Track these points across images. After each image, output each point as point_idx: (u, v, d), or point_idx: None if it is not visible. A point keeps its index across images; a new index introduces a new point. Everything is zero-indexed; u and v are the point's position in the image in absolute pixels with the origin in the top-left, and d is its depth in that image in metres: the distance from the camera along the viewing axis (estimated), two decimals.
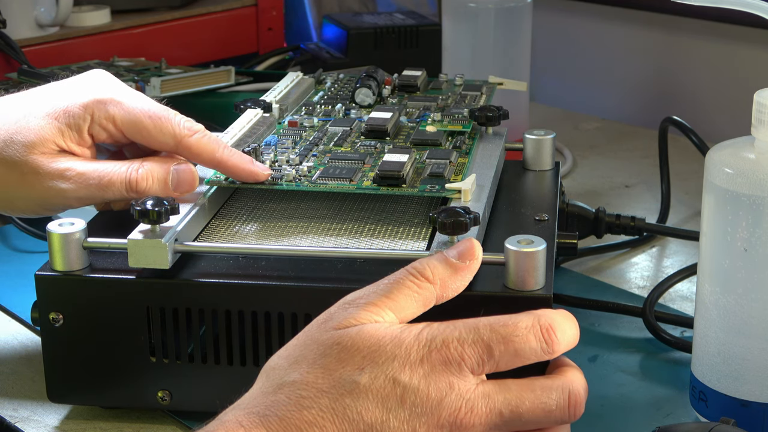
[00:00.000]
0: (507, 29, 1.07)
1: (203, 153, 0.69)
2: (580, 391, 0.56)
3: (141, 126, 0.68)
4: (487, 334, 0.54)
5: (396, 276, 0.57)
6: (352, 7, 1.48)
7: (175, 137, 0.68)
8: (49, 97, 0.69)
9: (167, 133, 0.68)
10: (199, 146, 0.69)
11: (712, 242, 0.63)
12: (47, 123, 0.68)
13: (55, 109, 0.68)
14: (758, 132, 0.61)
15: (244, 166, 0.69)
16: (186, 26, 1.25)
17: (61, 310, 0.64)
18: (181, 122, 0.69)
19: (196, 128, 0.69)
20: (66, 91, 0.69)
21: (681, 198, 1.03)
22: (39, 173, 0.67)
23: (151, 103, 0.69)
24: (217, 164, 0.69)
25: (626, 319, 0.79)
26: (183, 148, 0.69)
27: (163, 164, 0.69)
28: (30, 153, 0.67)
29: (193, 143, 0.69)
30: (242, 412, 0.52)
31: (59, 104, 0.68)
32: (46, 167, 0.67)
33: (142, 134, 0.69)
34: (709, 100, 1.24)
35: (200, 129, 0.69)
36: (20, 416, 0.69)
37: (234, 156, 0.69)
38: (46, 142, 0.67)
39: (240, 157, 0.69)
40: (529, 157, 0.80)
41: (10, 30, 1.09)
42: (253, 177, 0.69)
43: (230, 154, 0.69)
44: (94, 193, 0.68)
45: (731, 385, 0.63)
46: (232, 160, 0.69)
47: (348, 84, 0.89)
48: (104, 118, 0.68)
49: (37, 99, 0.69)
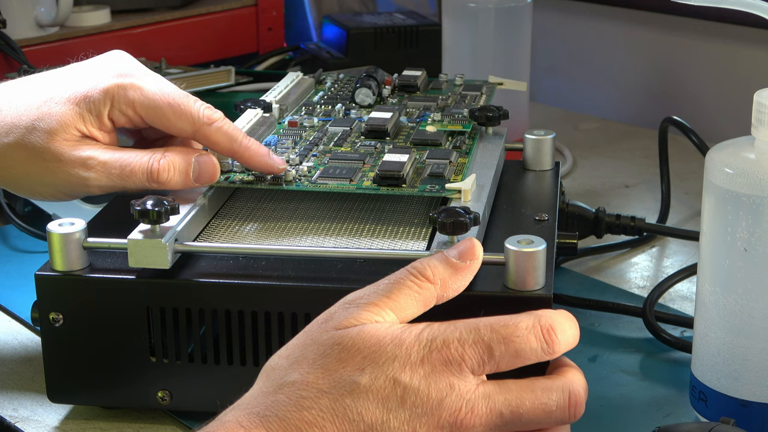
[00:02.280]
0: (507, 29, 1.07)
1: (221, 142, 0.68)
2: (580, 392, 0.56)
3: (160, 112, 0.68)
4: (487, 334, 0.54)
5: (396, 276, 0.57)
6: (352, 7, 1.48)
7: (194, 124, 0.68)
8: (70, 81, 0.69)
9: (186, 120, 0.68)
10: (219, 135, 0.68)
11: (712, 242, 0.63)
12: (68, 109, 0.67)
13: (75, 94, 0.68)
14: (758, 132, 0.61)
15: (261, 158, 0.69)
16: (186, 26, 1.25)
17: (61, 310, 0.64)
18: (201, 109, 0.68)
19: (216, 116, 0.69)
20: (86, 75, 0.69)
21: (681, 198, 1.03)
22: (61, 161, 0.67)
23: (171, 88, 0.69)
24: (233, 153, 0.69)
25: (626, 319, 0.79)
26: (201, 135, 0.68)
27: (184, 155, 0.68)
28: (52, 140, 0.67)
29: (212, 131, 0.68)
30: (242, 412, 0.52)
31: (80, 89, 0.68)
32: (69, 155, 0.67)
33: (161, 120, 0.68)
34: (709, 100, 1.24)
35: (220, 117, 0.69)
36: (20, 416, 0.69)
37: (252, 147, 0.69)
38: (67, 128, 0.67)
39: (258, 148, 0.69)
40: (529, 157, 0.80)
41: (10, 30, 1.09)
42: (269, 169, 0.69)
43: (248, 145, 0.69)
44: (115, 182, 0.68)
45: (731, 385, 0.63)
46: (249, 151, 0.69)
47: (348, 84, 0.89)
48: (124, 104, 0.68)
49: (58, 83, 0.69)
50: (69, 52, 1.14)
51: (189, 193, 0.70)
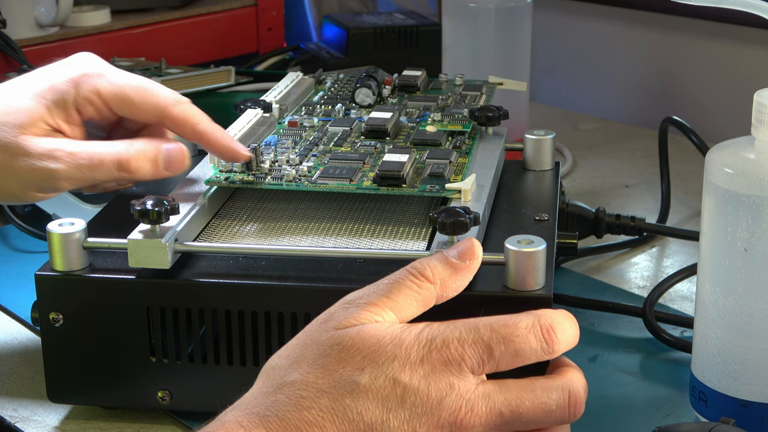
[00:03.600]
0: (507, 29, 1.07)
1: (187, 123, 0.69)
2: (580, 391, 0.56)
3: (126, 96, 0.69)
4: (487, 334, 0.54)
5: (396, 276, 0.57)
6: (352, 7, 1.48)
7: (159, 106, 0.69)
8: (37, 78, 0.70)
9: (152, 102, 0.69)
10: (185, 115, 0.69)
11: (712, 242, 0.63)
12: (36, 102, 0.68)
13: (41, 87, 0.69)
14: (758, 132, 0.61)
15: (226, 142, 0.70)
16: (186, 26, 1.25)
17: (61, 310, 0.64)
18: (167, 92, 0.70)
19: (181, 99, 0.70)
20: (52, 71, 0.70)
21: (681, 198, 1.03)
22: (29, 154, 0.67)
23: (135, 77, 0.70)
24: (199, 137, 0.70)
25: (626, 319, 0.79)
26: (167, 118, 0.69)
27: (153, 143, 0.69)
28: (20, 134, 0.67)
29: (178, 113, 0.69)
30: (242, 412, 0.52)
31: (45, 83, 0.69)
32: (36, 147, 0.67)
33: (127, 105, 0.69)
34: (709, 100, 1.24)
35: (185, 100, 0.70)
36: (20, 416, 0.69)
37: (217, 131, 0.70)
38: (35, 121, 0.68)
39: (222, 133, 0.70)
40: (529, 157, 0.80)
41: (10, 30, 1.09)
42: (233, 155, 0.70)
43: (213, 128, 0.70)
44: (84, 174, 0.68)
45: (731, 385, 0.63)
46: (215, 134, 0.70)
47: (348, 84, 0.89)
48: (89, 91, 0.69)
49: (26, 81, 0.70)
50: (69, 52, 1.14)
51: (189, 193, 0.70)
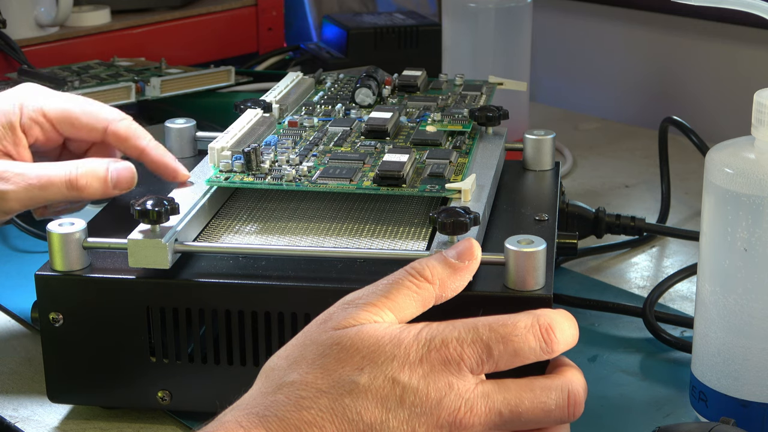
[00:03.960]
0: (507, 29, 1.07)
1: (130, 138, 0.71)
2: (579, 391, 0.56)
3: (70, 115, 0.71)
4: (486, 333, 0.54)
5: (395, 276, 0.57)
6: (352, 7, 1.48)
7: (103, 122, 0.71)
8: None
9: (96, 119, 0.71)
10: (128, 131, 0.71)
11: (712, 242, 0.63)
12: None
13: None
14: (758, 132, 0.61)
15: (166, 160, 0.72)
16: (186, 26, 1.25)
17: (61, 310, 0.64)
18: (109, 110, 0.72)
19: (124, 116, 0.72)
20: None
21: (681, 198, 1.03)
22: None
23: (78, 98, 0.73)
24: (141, 152, 0.72)
25: (626, 319, 0.79)
26: (111, 134, 0.71)
27: (100, 161, 0.70)
28: None
29: (121, 128, 0.72)
30: (242, 412, 0.52)
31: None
32: None
33: (71, 123, 0.71)
34: (709, 100, 1.24)
35: (128, 117, 0.72)
36: (20, 416, 0.69)
37: (158, 148, 0.72)
38: None
39: (163, 151, 0.72)
40: (529, 157, 0.80)
41: (10, 30, 1.09)
42: (173, 174, 0.71)
43: (155, 146, 0.72)
44: (34, 194, 0.68)
45: (731, 385, 0.63)
46: (156, 151, 0.72)
47: (348, 84, 0.89)
48: (34, 111, 0.71)
49: None
50: (69, 52, 1.15)
51: (189, 193, 0.70)
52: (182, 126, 0.81)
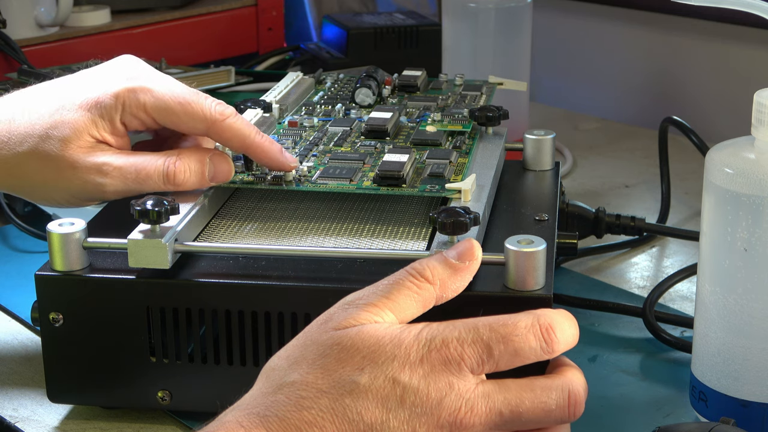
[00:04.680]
0: (507, 29, 1.07)
1: (235, 138, 0.68)
2: (579, 391, 0.56)
3: (171, 112, 0.68)
4: (486, 333, 0.54)
5: (396, 277, 0.57)
6: (352, 7, 1.48)
7: (206, 122, 0.68)
8: (81, 87, 0.69)
9: (198, 119, 0.68)
10: (232, 130, 0.68)
11: (712, 242, 0.63)
12: (81, 116, 0.67)
13: (87, 100, 0.68)
14: (758, 132, 0.61)
15: (274, 154, 0.69)
16: (186, 26, 1.25)
17: (61, 310, 0.64)
18: (213, 106, 0.68)
19: (228, 112, 0.69)
20: (96, 81, 0.69)
21: (681, 198, 1.03)
22: (76, 168, 0.67)
23: (181, 88, 0.69)
24: (246, 149, 0.69)
25: (626, 319, 0.79)
26: (214, 133, 0.68)
27: (199, 155, 0.69)
28: (67, 148, 0.67)
29: (224, 128, 0.68)
30: (242, 412, 0.52)
31: (91, 95, 0.68)
32: (83, 162, 0.67)
33: (172, 120, 0.68)
34: (709, 100, 1.24)
35: (232, 113, 0.69)
36: (20, 416, 0.69)
37: (265, 143, 0.69)
38: (81, 134, 0.67)
39: (270, 144, 0.69)
40: (529, 157, 0.80)
41: (10, 30, 1.09)
42: (281, 166, 0.69)
43: (261, 141, 0.69)
44: (131, 187, 0.68)
45: (731, 385, 0.63)
46: (262, 147, 0.69)
47: (348, 84, 0.89)
48: (135, 107, 0.68)
49: (69, 90, 0.69)
50: (69, 52, 1.15)
51: (189, 193, 0.70)
52: None
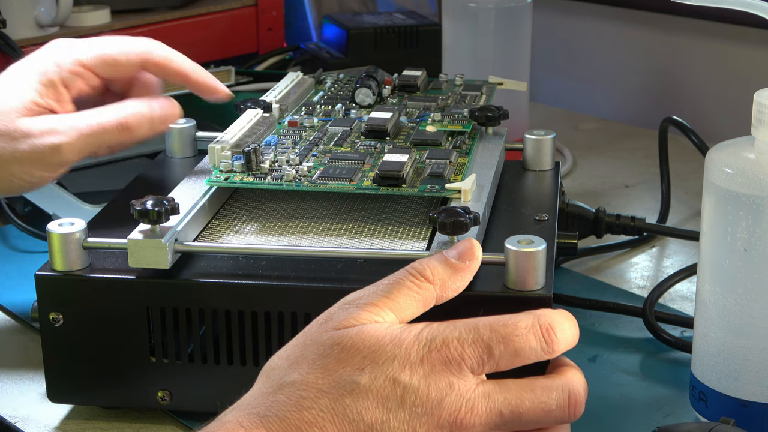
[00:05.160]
0: (507, 29, 1.07)
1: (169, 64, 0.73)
2: (580, 391, 0.56)
3: (106, 56, 0.72)
4: (486, 333, 0.54)
5: (396, 276, 0.57)
6: (352, 7, 1.48)
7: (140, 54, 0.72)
8: (19, 68, 0.72)
9: (132, 54, 0.72)
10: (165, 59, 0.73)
11: (712, 242, 0.63)
12: (23, 85, 0.70)
13: (26, 74, 0.71)
14: (758, 132, 0.61)
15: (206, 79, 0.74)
16: (186, 26, 1.25)
17: (61, 310, 0.64)
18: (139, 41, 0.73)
19: (156, 43, 0.73)
20: (31, 59, 0.73)
21: (681, 198, 1.03)
22: (30, 134, 0.69)
23: (108, 38, 0.74)
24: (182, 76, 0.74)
25: (626, 319, 0.79)
26: (150, 63, 0.73)
27: (144, 101, 0.72)
28: (17, 118, 0.69)
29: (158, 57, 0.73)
30: (242, 412, 0.52)
31: (29, 70, 0.72)
32: (36, 127, 0.69)
33: (109, 64, 0.72)
34: (709, 100, 1.24)
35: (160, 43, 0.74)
36: (20, 416, 0.69)
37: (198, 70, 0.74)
38: (27, 103, 0.70)
39: (204, 72, 0.74)
40: (529, 157, 0.80)
41: (10, 30, 1.09)
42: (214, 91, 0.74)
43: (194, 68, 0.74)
44: (88, 142, 0.70)
45: (731, 385, 0.63)
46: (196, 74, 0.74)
47: (348, 84, 0.89)
48: (70, 63, 0.71)
49: (9, 74, 0.72)
50: None
51: (189, 193, 0.70)
52: (182, 126, 0.81)
